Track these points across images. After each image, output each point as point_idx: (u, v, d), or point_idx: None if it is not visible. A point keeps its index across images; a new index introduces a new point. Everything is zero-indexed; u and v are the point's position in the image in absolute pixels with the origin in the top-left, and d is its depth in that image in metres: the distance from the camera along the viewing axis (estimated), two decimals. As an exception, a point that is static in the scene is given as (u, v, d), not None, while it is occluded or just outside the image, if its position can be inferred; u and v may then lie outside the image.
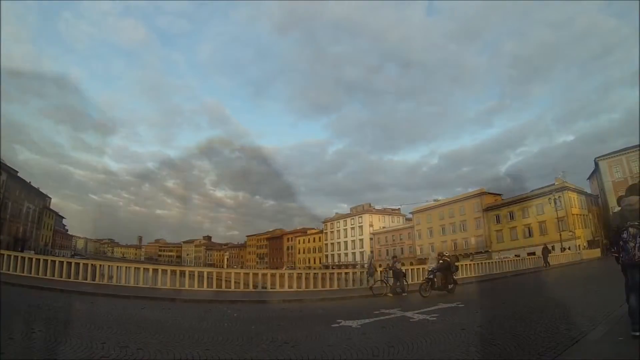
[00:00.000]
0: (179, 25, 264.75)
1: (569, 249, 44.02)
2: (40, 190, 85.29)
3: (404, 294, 16.00)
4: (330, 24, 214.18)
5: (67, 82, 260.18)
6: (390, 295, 16.01)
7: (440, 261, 16.11)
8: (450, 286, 15.27)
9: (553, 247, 42.66)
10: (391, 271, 17.37)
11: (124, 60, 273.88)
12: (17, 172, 71.88)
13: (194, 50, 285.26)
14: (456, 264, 18.58)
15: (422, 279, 21.50)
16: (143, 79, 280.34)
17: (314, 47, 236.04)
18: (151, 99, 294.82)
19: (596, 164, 65.10)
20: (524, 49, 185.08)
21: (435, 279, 15.08)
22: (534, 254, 40.31)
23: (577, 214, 57.69)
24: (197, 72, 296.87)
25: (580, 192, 63.05)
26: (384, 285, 17.31)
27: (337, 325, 8.52)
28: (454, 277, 17.12)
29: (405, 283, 17.16)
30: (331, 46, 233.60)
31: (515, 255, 42.09)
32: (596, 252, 45.50)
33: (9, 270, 18.51)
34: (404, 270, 18.17)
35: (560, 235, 45.70)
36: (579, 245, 48.62)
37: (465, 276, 24.92)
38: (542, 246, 33.88)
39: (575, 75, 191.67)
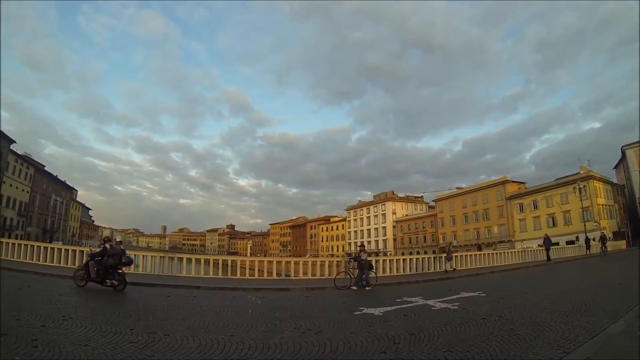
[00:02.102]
0: (199, 14, 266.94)
1: (594, 239, 43.01)
2: (67, 182, 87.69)
3: (367, 288, 14.22)
4: (351, 10, 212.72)
5: (89, 75, 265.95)
6: (355, 288, 14.29)
7: (98, 248, 12.76)
8: (111, 282, 11.41)
9: (577, 238, 41.71)
10: (355, 262, 15.46)
11: (144, 51, 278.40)
12: (44, 165, 74.04)
13: (214, 38, 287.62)
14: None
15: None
16: (164, 68, 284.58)
17: (335, 34, 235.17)
18: (172, 88, 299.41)
19: (623, 153, 63.38)
20: (549, 34, 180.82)
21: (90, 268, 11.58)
22: (557, 244, 39.64)
23: (602, 204, 56.22)
24: (218, 60, 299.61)
25: (606, 181, 61.30)
26: (349, 277, 15.20)
27: (359, 312, 8.64)
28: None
29: (374, 275, 15.56)
30: (352, 32, 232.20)
31: (539, 245, 41.39)
32: (621, 244, 44.25)
33: (39, 261, 19.26)
34: (370, 261, 15.92)
35: (585, 225, 44.64)
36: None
37: (487, 265, 24.87)
38: (544, 237, 31.95)
39: (602, 61, 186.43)
